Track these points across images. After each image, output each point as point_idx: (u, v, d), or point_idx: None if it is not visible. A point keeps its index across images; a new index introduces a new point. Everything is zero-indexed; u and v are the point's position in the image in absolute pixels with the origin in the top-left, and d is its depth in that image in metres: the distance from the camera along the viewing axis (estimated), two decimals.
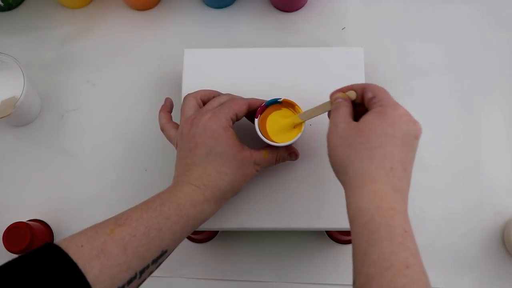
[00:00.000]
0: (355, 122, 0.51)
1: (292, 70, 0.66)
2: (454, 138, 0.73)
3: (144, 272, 0.50)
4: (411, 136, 0.50)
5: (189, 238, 0.70)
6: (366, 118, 0.50)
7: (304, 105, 0.59)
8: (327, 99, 0.56)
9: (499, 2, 0.78)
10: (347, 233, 0.66)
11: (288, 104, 0.60)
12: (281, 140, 0.59)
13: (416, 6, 0.78)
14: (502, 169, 0.72)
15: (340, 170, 0.51)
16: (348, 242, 0.70)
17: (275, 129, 0.60)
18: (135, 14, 0.80)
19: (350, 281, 0.69)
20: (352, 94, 0.54)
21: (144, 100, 0.76)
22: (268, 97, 0.60)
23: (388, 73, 0.75)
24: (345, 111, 0.53)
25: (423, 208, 0.70)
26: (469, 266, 0.69)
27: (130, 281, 0.49)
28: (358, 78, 0.65)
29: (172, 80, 0.74)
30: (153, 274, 0.71)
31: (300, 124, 0.59)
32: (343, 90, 0.55)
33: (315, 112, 0.58)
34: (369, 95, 0.52)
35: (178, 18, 0.80)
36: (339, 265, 0.70)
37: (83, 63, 0.78)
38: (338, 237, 0.69)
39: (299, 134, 0.58)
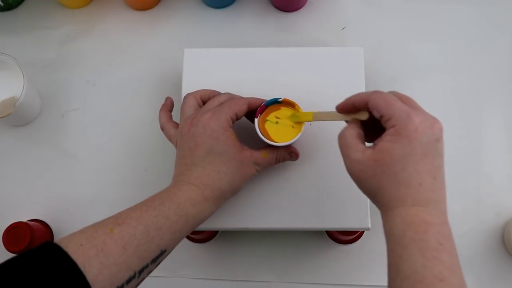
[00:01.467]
0: (370, 150, 0.48)
1: (292, 70, 0.66)
2: (454, 138, 0.73)
3: (143, 272, 0.50)
4: (431, 142, 0.48)
5: (189, 238, 0.70)
6: (381, 145, 0.48)
7: (304, 105, 0.59)
8: (328, 98, 0.56)
9: (499, 2, 0.78)
10: (347, 233, 0.66)
11: (288, 104, 0.60)
12: (281, 140, 0.59)
13: (416, 6, 0.78)
14: (502, 169, 0.72)
15: (371, 199, 0.51)
16: (348, 242, 0.70)
17: (275, 129, 0.60)
18: (135, 14, 0.80)
19: (350, 281, 0.69)
20: (364, 115, 0.51)
21: (144, 100, 0.76)
22: (268, 97, 0.60)
23: (388, 73, 0.75)
24: (353, 140, 0.50)
25: None
26: (469, 266, 0.69)
27: (129, 281, 0.49)
28: (358, 78, 0.65)
29: (172, 80, 0.74)
30: (153, 274, 0.71)
31: (300, 124, 0.59)
32: (346, 105, 0.52)
33: (329, 117, 0.56)
34: (375, 114, 0.49)
35: (178, 18, 0.80)
36: (339, 265, 0.70)
37: (83, 63, 0.78)
38: (338, 237, 0.69)
39: (299, 134, 0.58)
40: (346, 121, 0.54)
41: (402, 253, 0.45)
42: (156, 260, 0.51)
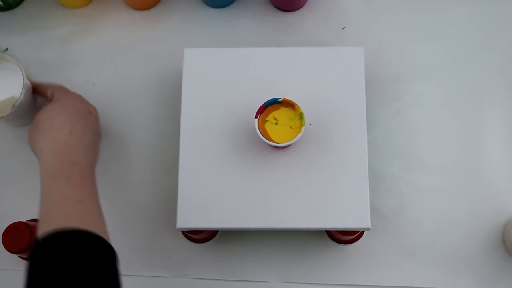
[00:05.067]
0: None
1: (292, 69, 0.66)
2: (454, 138, 0.73)
3: None
4: (85, 111, 0.65)
5: (189, 238, 0.70)
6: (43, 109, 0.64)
7: (304, 104, 0.59)
8: (328, 98, 0.56)
9: (499, 2, 0.78)
10: (347, 233, 0.66)
11: (287, 104, 0.60)
12: (281, 140, 0.59)
13: (416, 6, 0.78)
14: (502, 169, 0.72)
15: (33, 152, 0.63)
16: (348, 242, 0.70)
17: (275, 129, 0.60)
18: (135, 13, 0.80)
19: (350, 281, 0.69)
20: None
21: (144, 100, 0.76)
22: (268, 97, 0.60)
23: (388, 73, 0.75)
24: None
25: (423, 208, 0.70)
26: (469, 266, 0.69)
27: None
28: (358, 77, 0.65)
29: (172, 80, 0.74)
30: (153, 274, 0.72)
31: (299, 125, 0.59)
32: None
33: None
34: (49, 93, 0.67)
35: (178, 18, 0.80)
36: (339, 265, 0.69)
37: (82, 63, 0.78)
38: (338, 237, 0.69)
39: (299, 134, 0.58)
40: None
41: (51, 182, 0.56)
42: None
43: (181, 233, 0.70)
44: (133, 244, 0.71)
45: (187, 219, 0.63)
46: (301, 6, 0.79)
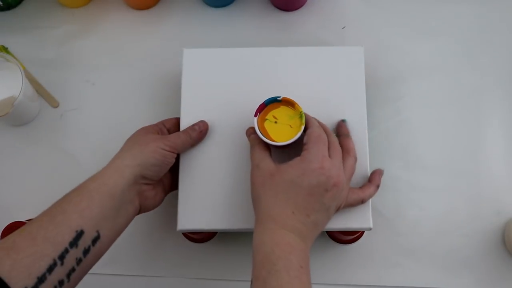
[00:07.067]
0: (272, 166, 0.56)
1: (292, 69, 0.66)
2: (454, 138, 0.73)
3: (65, 258, 0.50)
4: (320, 188, 0.54)
5: (189, 238, 0.70)
6: (282, 166, 0.56)
7: (304, 104, 0.59)
8: (328, 97, 0.56)
9: (499, 2, 0.78)
10: (347, 233, 0.66)
11: (287, 103, 0.60)
12: (280, 139, 0.59)
13: (416, 6, 0.78)
14: (502, 169, 0.72)
15: (254, 204, 0.57)
16: (348, 242, 0.69)
17: (275, 128, 0.60)
18: (134, 13, 0.80)
19: (350, 281, 0.69)
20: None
21: (143, 100, 0.76)
22: (267, 96, 0.60)
23: (388, 73, 0.75)
24: (263, 153, 0.58)
25: (423, 208, 0.70)
26: (469, 266, 0.69)
27: (50, 269, 0.49)
28: (358, 77, 0.65)
29: (172, 80, 0.74)
30: (153, 274, 0.71)
31: (298, 124, 0.59)
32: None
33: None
34: (304, 140, 0.58)
35: (177, 18, 0.79)
36: (339, 265, 0.69)
37: (82, 62, 0.78)
38: (338, 237, 0.69)
39: (299, 133, 0.58)
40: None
41: (270, 268, 0.51)
42: (75, 243, 0.51)
43: (181, 233, 0.70)
44: (133, 244, 0.70)
45: (187, 220, 0.63)
46: (301, 6, 0.79)
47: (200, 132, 0.63)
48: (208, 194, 0.63)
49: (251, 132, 0.61)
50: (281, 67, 0.66)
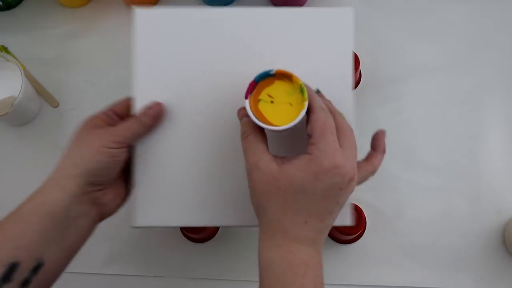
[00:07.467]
0: (274, 165, 0.46)
1: (271, 34, 0.55)
2: (454, 138, 0.73)
3: None
4: (335, 189, 0.46)
5: (189, 238, 0.70)
6: (287, 167, 0.46)
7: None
8: (312, 66, 0.49)
9: (499, 2, 0.78)
10: (347, 233, 0.66)
11: (282, 76, 0.48)
12: (281, 122, 0.48)
13: (416, 6, 0.78)
14: (502, 169, 0.72)
15: (255, 212, 0.49)
16: (348, 242, 0.69)
17: (272, 110, 0.49)
18: None
19: (350, 281, 0.69)
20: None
21: None
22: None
23: (388, 72, 0.75)
24: (260, 147, 0.47)
25: (423, 208, 0.70)
26: (469, 266, 0.69)
27: None
28: (346, 42, 0.56)
29: None
30: (152, 274, 0.71)
31: (300, 101, 0.48)
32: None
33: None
34: (308, 129, 0.47)
35: None
36: (339, 265, 0.69)
37: (82, 62, 0.78)
38: (338, 237, 0.69)
39: (303, 111, 0.47)
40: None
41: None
42: (8, 278, 0.46)
43: (181, 233, 0.70)
44: (133, 244, 0.70)
45: (145, 216, 0.55)
46: (301, 6, 0.79)
47: (155, 116, 0.53)
48: (168, 186, 0.55)
49: (243, 113, 0.49)
50: (257, 32, 0.55)
